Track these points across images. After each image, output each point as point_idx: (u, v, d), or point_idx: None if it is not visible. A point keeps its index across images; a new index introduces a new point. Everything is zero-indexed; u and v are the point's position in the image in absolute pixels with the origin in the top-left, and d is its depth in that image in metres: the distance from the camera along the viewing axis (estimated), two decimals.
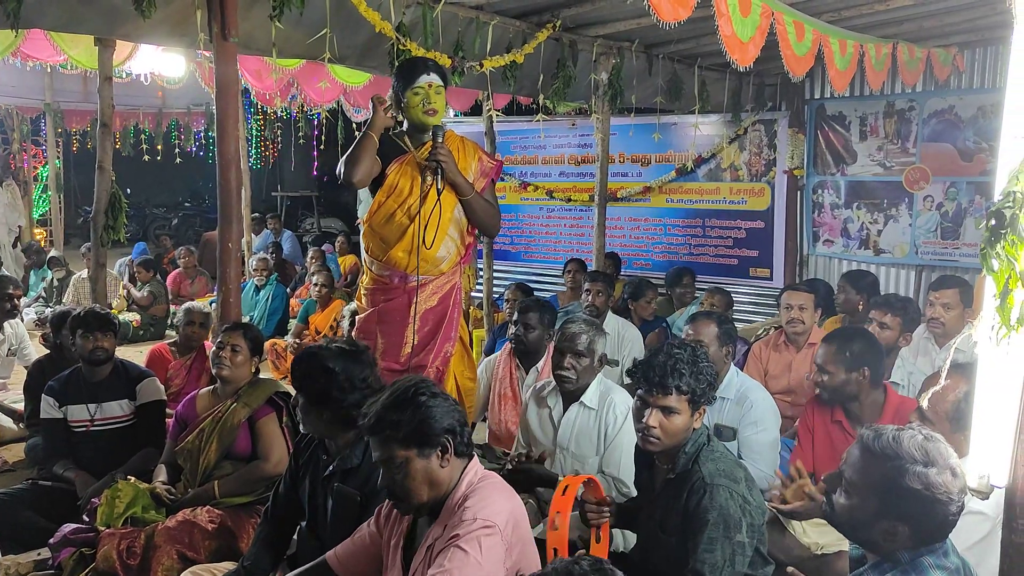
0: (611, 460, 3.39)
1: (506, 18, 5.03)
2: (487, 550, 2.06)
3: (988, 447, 1.92)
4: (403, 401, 2.18)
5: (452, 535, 2.08)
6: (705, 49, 5.97)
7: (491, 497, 2.17)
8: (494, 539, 2.08)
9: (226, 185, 3.83)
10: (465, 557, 2.02)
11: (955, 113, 6.60)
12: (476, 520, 2.08)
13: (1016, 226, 1.79)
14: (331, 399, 2.68)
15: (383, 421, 2.17)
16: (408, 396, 2.19)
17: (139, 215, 17.32)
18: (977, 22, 5.45)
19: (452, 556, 2.03)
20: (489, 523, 2.08)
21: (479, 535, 2.06)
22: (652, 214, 8.21)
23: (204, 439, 3.55)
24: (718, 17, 3.15)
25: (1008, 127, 1.87)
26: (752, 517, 2.48)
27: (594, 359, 3.49)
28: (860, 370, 3.33)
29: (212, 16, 3.72)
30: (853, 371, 3.32)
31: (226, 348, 3.61)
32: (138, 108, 11.64)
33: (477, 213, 3.70)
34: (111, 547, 3.13)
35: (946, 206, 6.72)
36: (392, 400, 2.19)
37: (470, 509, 2.12)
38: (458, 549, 2.04)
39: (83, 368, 4.03)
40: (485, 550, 2.05)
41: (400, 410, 2.16)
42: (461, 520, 2.10)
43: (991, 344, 1.88)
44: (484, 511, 2.11)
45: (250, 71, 7.18)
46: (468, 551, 2.03)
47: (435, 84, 3.55)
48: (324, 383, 2.68)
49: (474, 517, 2.09)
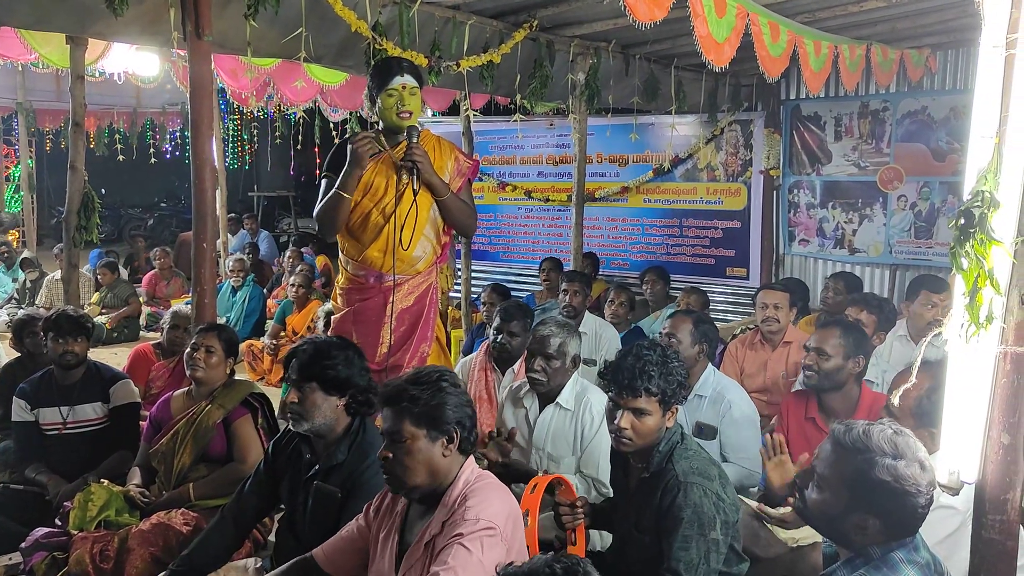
0: (589, 461, 3.39)
1: (483, 18, 5.02)
2: (488, 551, 2.09)
3: (958, 443, 1.95)
4: (427, 382, 2.25)
5: (455, 533, 2.11)
6: (681, 50, 5.99)
7: (491, 498, 2.21)
8: (496, 540, 2.12)
9: (201, 185, 3.79)
10: (468, 556, 2.06)
11: (928, 114, 6.68)
12: (479, 520, 2.12)
13: (985, 225, 1.82)
14: (352, 384, 2.75)
15: (404, 393, 2.22)
16: (432, 379, 2.26)
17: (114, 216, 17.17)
18: (949, 24, 5.52)
19: (456, 554, 2.06)
20: (492, 524, 2.13)
21: (483, 536, 2.10)
22: (630, 214, 8.24)
23: (179, 441, 3.52)
24: (694, 18, 3.16)
25: (977, 127, 1.89)
26: (726, 514, 2.50)
27: (566, 361, 3.49)
28: (856, 359, 3.42)
29: (186, 14, 3.68)
30: (850, 358, 3.41)
31: (200, 349, 3.58)
32: (112, 107, 11.54)
33: (453, 213, 3.70)
34: (84, 551, 3.09)
35: (919, 206, 6.80)
36: (416, 377, 2.27)
37: (472, 509, 2.15)
38: (462, 547, 2.07)
39: (55, 371, 3.98)
40: (487, 551, 2.09)
41: (422, 388, 2.23)
42: (464, 519, 2.13)
43: (961, 342, 1.90)
44: (486, 512, 2.15)
45: (225, 70, 7.13)
46: (472, 550, 2.07)
47: (409, 86, 3.53)
48: (347, 371, 2.75)
49: (477, 517, 2.12)
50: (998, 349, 1.88)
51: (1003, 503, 1.91)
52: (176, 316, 5.01)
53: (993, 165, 1.83)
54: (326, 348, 2.79)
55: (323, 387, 2.73)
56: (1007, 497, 1.90)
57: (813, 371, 3.43)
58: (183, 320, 4.93)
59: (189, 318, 4.96)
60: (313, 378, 2.73)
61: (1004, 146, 1.83)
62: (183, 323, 4.93)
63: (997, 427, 1.90)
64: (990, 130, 1.86)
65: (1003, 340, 1.87)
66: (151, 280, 9.39)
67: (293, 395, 2.75)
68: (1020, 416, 1.88)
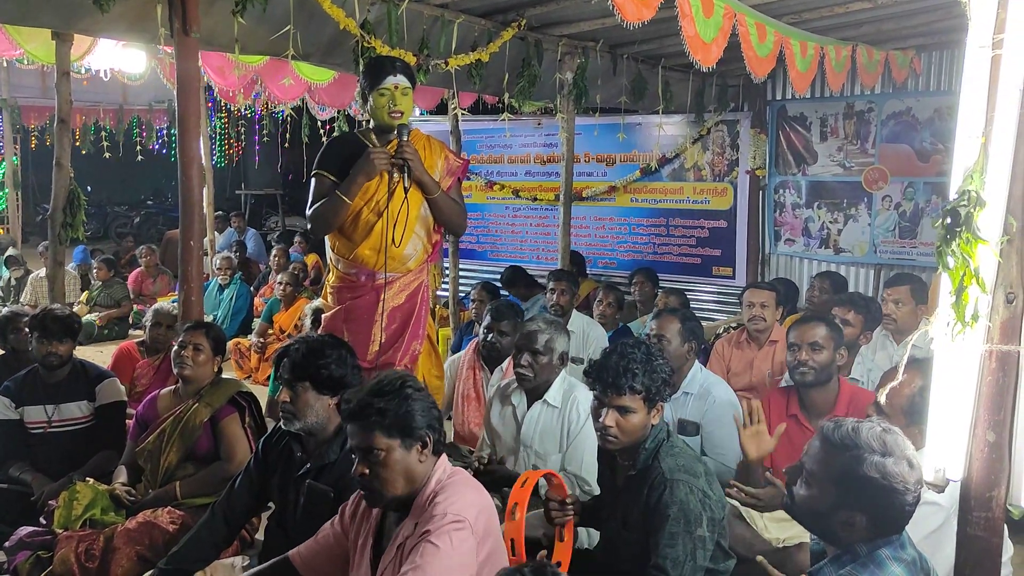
0: (573, 458, 3.40)
1: (471, 16, 5.02)
2: (458, 544, 2.08)
3: (944, 441, 1.96)
4: (391, 391, 2.19)
5: (423, 531, 2.10)
6: (669, 50, 6.01)
7: (460, 492, 2.19)
8: (464, 533, 2.10)
9: (188, 183, 3.78)
10: (436, 551, 2.04)
11: (912, 115, 6.72)
12: (446, 515, 2.10)
13: (971, 224, 1.83)
14: (344, 383, 2.72)
15: (370, 407, 2.17)
16: (396, 387, 2.21)
17: (100, 213, 17.04)
18: (934, 25, 5.56)
19: (424, 551, 2.05)
20: (459, 518, 2.11)
21: (450, 529, 2.08)
22: (617, 213, 8.26)
23: (165, 440, 3.51)
24: (681, 18, 3.17)
25: (963, 127, 1.90)
26: (712, 511, 2.51)
27: (553, 357, 3.50)
28: (841, 350, 3.53)
29: (173, 11, 3.67)
30: (837, 350, 3.48)
31: (188, 347, 3.56)
32: (98, 104, 11.45)
33: (443, 211, 3.70)
34: (69, 550, 3.07)
35: (904, 206, 6.84)
36: (379, 388, 2.21)
37: (440, 505, 2.13)
38: (429, 544, 2.05)
39: (40, 369, 3.95)
40: (456, 544, 2.07)
41: (387, 398, 2.18)
42: (431, 516, 2.11)
43: (946, 340, 1.92)
44: (454, 506, 2.13)
45: (213, 68, 7.08)
46: (439, 546, 2.05)
47: (401, 86, 3.54)
48: (340, 371, 2.73)
49: (444, 512, 2.11)
50: (984, 348, 1.90)
51: (988, 500, 1.92)
52: (158, 314, 4.98)
53: (979, 165, 1.85)
54: (319, 347, 2.77)
55: (316, 387, 2.72)
56: (992, 494, 1.92)
57: (809, 366, 3.42)
58: (165, 318, 4.90)
59: (172, 316, 4.93)
60: (306, 377, 2.72)
61: (990, 145, 1.84)
62: (165, 321, 4.90)
63: (983, 425, 1.92)
64: (976, 130, 1.87)
65: (989, 339, 1.89)
66: (137, 278, 9.33)
67: (285, 394, 2.74)
68: (1005, 414, 1.90)
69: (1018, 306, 1.87)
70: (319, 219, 3.60)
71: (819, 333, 3.45)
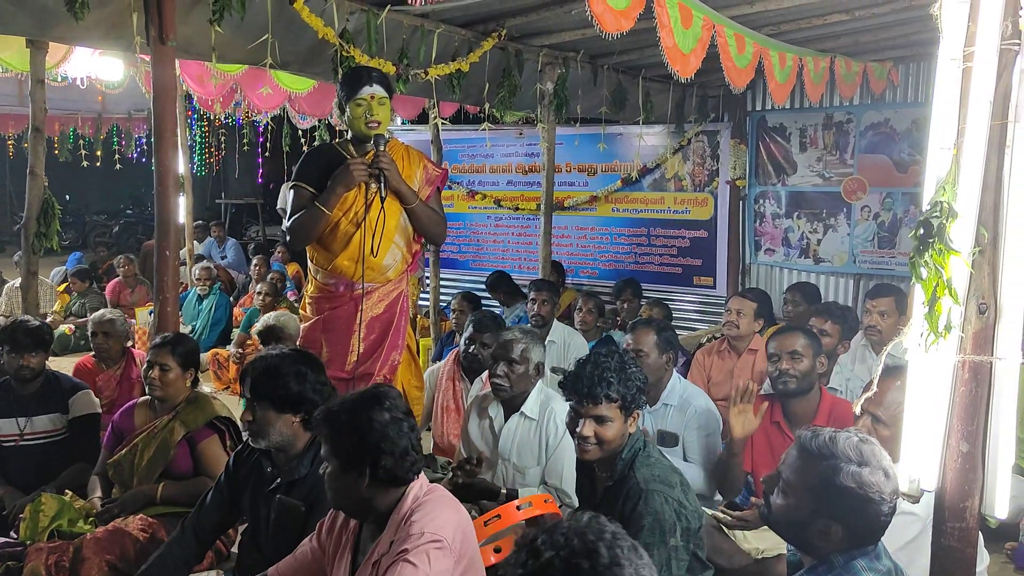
0: (553, 471, 3.39)
1: (451, 26, 5.02)
2: (435, 563, 2.06)
3: (918, 451, 1.97)
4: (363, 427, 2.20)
5: (400, 550, 2.08)
6: (649, 60, 6.03)
7: (437, 510, 2.18)
8: (442, 552, 2.09)
9: (164, 192, 3.74)
10: (415, 571, 2.03)
11: (890, 126, 6.78)
12: (424, 534, 2.08)
13: (943, 235, 1.84)
14: (306, 401, 2.66)
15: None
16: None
17: (79, 222, 16.89)
18: (911, 37, 5.61)
19: (401, 571, 2.03)
20: (437, 537, 2.09)
21: (427, 549, 2.07)
22: (598, 223, 8.27)
23: (137, 456, 3.47)
24: (660, 29, 3.18)
25: (934, 139, 1.92)
26: (688, 521, 2.51)
27: (529, 367, 3.48)
28: (820, 358, 3.56)
29: (149, 19, 3.63)
30: (816, 358, 3.51)
31: (155, 368, 3.49)
32: (76, 112, 11.33)
33: (422, 221, 3.69)
34: (39, 562, 3.01)
35: (882, 216, 6.89)
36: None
37: (417, 523, 2.12)
38: (407, 563, 2.04)
39: (12, 381, 3.88)
40: (433, 563, 2.06)
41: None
42: (408, 535, 2.10)
43: (920, 350, 1.92)
44: (431, 524, 2.11)
45: (192, 76, 7.03)
46: (417, 565, 2.04)
47: (378, 96, 3.53)
48: (298, 387, 2.67)
49: (421, 531, 2.09)
50: (956, 358, 1.90)
51: (962, 511, 1.93)
52: (96, 323, 4.93)
53: (951, 176, 1.86)
54: (276, 365, 2.70)
55: (275, 406, 2.66)
56: (966, 505, 1.92)
57: (791, 375, 3.44)
58: (99, 326, 4.86)
59: (105, 322, 4.87)
60: (264, 397, 2.67)
61: (962, 157, 1.86)
62: (100, 329, 4.85)
63: (956, 435, 1.92)
64: (948, 141, 1.88)
65: (961, 349, 1.90)
66: (115, 288, 9.22)
67: (247, 414, 2.70)
68: (978, 424, 1.90)
69: (990, 317, 1.88)
70: (298, 231, 3.58)
71: (798, 342, 3.48)
